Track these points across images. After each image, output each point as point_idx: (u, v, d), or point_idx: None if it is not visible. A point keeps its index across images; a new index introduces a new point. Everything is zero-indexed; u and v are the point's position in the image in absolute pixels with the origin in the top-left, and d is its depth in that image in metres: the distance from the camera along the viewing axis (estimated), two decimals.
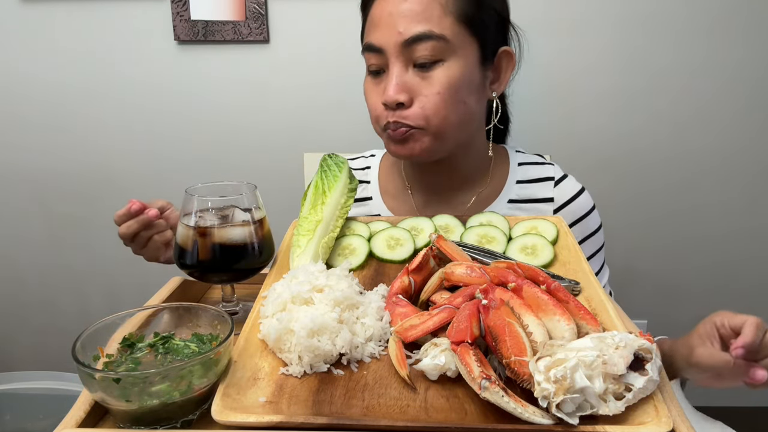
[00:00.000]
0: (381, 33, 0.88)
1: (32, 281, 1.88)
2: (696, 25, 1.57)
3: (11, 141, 1.74)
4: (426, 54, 0.87)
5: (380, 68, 0.91)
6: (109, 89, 1.68)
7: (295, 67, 1.66)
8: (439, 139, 0.92)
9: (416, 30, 0.86)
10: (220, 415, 0.50)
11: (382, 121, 0.92)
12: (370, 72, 0.94)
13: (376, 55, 0.90)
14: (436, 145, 0.92)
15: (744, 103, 1.63)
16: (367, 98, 0.96)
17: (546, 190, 1.03)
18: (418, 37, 0.86)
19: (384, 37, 0.88)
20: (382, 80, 0.91)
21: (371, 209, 1.08)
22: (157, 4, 1.60)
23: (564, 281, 0.70)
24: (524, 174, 1.04)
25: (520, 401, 0.48)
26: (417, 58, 0.87)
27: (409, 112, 0.89)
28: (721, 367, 0.75)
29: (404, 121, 0.89)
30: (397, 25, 0.86)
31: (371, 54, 0.91)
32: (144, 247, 0.93)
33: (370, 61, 0.92)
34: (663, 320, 1.80)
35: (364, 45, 0.93)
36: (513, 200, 1.02)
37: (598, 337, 0.51)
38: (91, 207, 1.79)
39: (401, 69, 0.88)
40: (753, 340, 0.72)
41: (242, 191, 0.76)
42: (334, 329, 0.58)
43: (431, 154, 0.93)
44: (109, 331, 0.58)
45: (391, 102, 0.88)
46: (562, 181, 1.04)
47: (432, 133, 0.90)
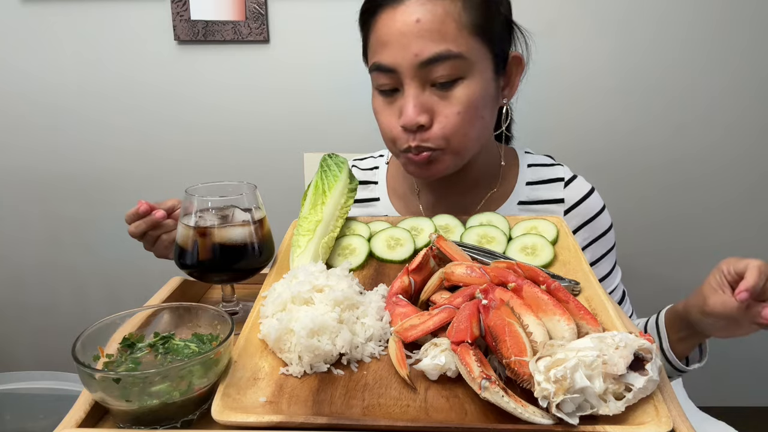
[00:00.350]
0: (392, 53, 0.83)
1: (32, 281, 1.88)
2: (699, 27, 1.57)
3: (10, 141, 1.74)
4: (445, 74, 0.82)
5: (393, 88, 0.87)
6: (109, 89, 1.68)
7: (295, 67, 1.66)
8: (458, 157, 0.90)
9: (434, 50, 0.81)
10: (220, 415, 0.50)
11: (401, 144, 0.88)
12: (382, 91, 0.89)
13: (387, 75, 0.85)
14: (456, 162, 0.90)
15: (747, 104, 1.63)
16: (379, 118, 0.91)
17: (556, 191, 1.02)
18: (435, 58, 0.81)
19: (397, 57, 0.83)
20: (396, 100, 0.87)
21: (379, 210, 1.07)
22: (157, 4, 1.60)
23: (564, 281, 0.70)
24: (534, 175, 1.04)
25: (520, 401, 0.48)
26: (436, 78, 0.83)
27: (430, 134, 0.85)
28: (734, 314, 0.77)
29: (426, 144, 0.86)
30: (411, 45, 0.81)
31: (382, 74, 0.86)
32: (153, 245, 0.93)
33: (381, 80, 0.87)
34: None
35: (374, 64, 0.87)
36: (523, 202, 1.02)
37: (598, 337, 0.51)
38: (91, 207, 1.79)
39: (418, 89, 0.84)
40: (756, 282, 0.74)
41: (242, 191, 0.76)
42: (334, 329, 0.58)
43: (450, 171, 0.92)
44: (109, 331, 0.58)
45: (412, 125, 0.84)
46: (573, 181, 1.03)
47: (452, 152, 0.88)
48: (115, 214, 1.78)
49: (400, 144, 0.89)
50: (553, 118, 1.64)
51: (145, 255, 1.83)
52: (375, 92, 0.91)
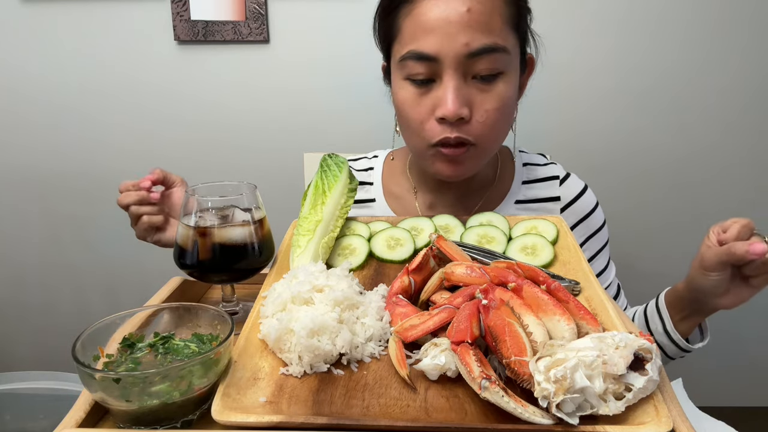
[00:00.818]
0: (437, 41, 0.80)
1: (32, 281, 1.88)
2: (699, 27, 1.57)
3: (11, 141, 1.74)
4: (488, 67, 0.81)
5: (428, 78, 0.84)
6: (110, 89, 1.68)
7: (295, 67, 1.66)
8: (485, 155, 0.89)
9: (483, 42, 0.80)
10: (220, 415, 0.50)
11: (434, 136, 0.85)
12: (414, 81, 0.85)
13: (426, 63, 0.82)
14: (482, 161, 0.89)
15: (748, 104, 1.63)
16: (408, 111, 0.87)
17: (552, 189, 1.03)
18: (484, 50, 0.80)
19: (444, 45, 0.80)
20: (429, 90, 0.84)
21: (374, 212, 1.06)
22: (157, 4, 1.60)
23: (564, 281, 0.70)
24: (529, 174, 1.04)
25: (520, 401, 0.48)
26: (479, 71, 0.82)
27: (469, 128, 0.84)
28: (725, 258, 0.81)
29: (466, 137, 0.84)
30: (460, 34, 0.79)
31: (420, 62, 0.83)
32: (135, 222, 0.92)
33: (416, 69, 0.84)
34: None
35: (411, 52, 0.83)
36: (520, 201, 1.02)
37: (598, 337, 0.51)
38: (91, 207, 1.79)
39: (460, 80, 0.82)
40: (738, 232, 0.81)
41: (242, 191, 0.76)
42: (334, 329, 0.58)
43: (473, 172, 0.90)
44: (109, 331, 0.58)
45: (454, 117, 0.82)
46: (567, 179, 1.04)
47: (482, 149, 0.87)
48: (116, 213, 1.77)
49: (433, 137, 0.85)
50: (553, 119, 1.64)
51: (146, 255, 1.83)
52: (403, 83, 0.87)
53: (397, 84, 0.89)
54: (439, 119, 0.84)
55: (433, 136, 0.85)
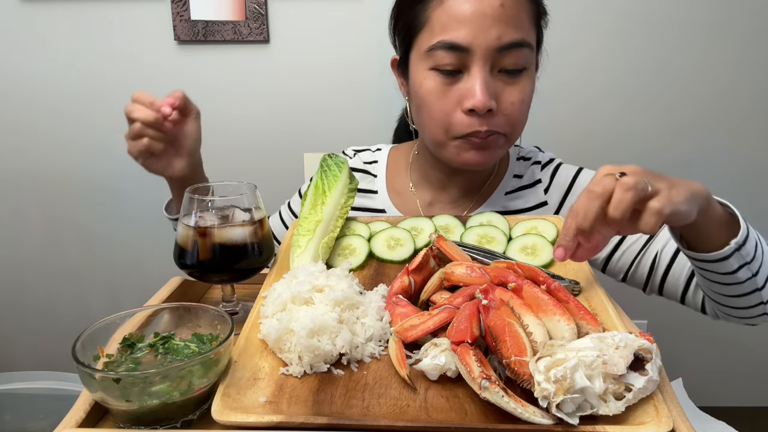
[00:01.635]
0: (470, 32, 0.82)
1: (32, 282, 1.88)
2: (700, 26, 1.57)
3: (10, 141, 1.74)
4: (516, 62, 0.84)
5: (456, 69, 0.85)
6: (110, 89, 1.68)
7: (295, 67, 1.66)
8: (508, 146, 0.91)
9: (514, 37, 0.82)
10: (220, 415, 0.50)
11: (464, 129, 0.86)
12: (441, 71, 0.86)
13: (456, 54, 0.83)
14: (504, 152, 0.91)
15: (749, 105, 1.63)
16: (433, 102, 0.87)
17: (535, 174, 1.04)
18: (514, 44, 0.83)
19: (477, 37, 0.82)
20: (456, 82, 0.85)
21: (375, 203, 1.07)
22: (157, 4, 1.60)
23: (564, 281, 0.70)
24: (521, 168, 1.05)
25: (520, 401, 0.48)
26: (506, 65, 0.84)
27: (497, 119, 0.85)
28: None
29: (495, 128, 0.85)
30: (492, 27, 0.81)
31: (450, 53, 0.84)
32: (132, 138, 0.88)
33: (445, 60, 0.84)
34: (663, 320, 1.80)
35: (441, 42, 0.84)
36: (509, 192, 1.03)
37: (598, 337, 0.51)
38: (91, 207, 1.79)
39: (488, 73, 0.84)
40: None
41: (242, 191, 0.76)
42: (334, 329, 0.58)
43: (496, 161, 0.91)
44: (109, 331, 0.58)
45: (483, 108, 0.83)
46: (549, 163, 1.04)
47: (509, 140, 0.89)
48: (116, 214, 1.78)
49: (461, 129, 0.86)
50: (553, 117, 1.64)
51: (146, 255, 1.83)
52: (429, 73, 0.87)
53: (420, 75, 0.89)
54: (468, 111, 0.85)
55: (462, 129, 0.86)
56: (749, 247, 0.72)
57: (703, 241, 0.72)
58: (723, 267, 0.73)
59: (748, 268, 0.73)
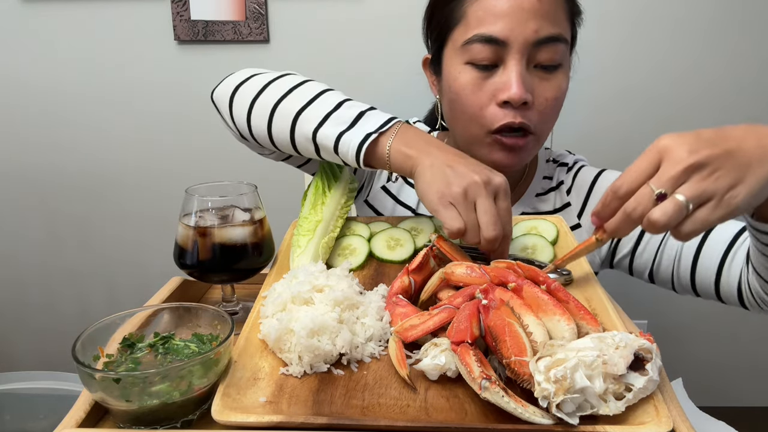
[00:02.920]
0: (508, 25, 0.82)
1: (32, 281, 1.88)
2: (700, 26, 1.57)
3: (11, 141, 1.74)
4: (552, 57, 0.84)
5: (492, 63, 0.85)
6: (109, 89, 1.68)
7: (295, 67, 1.65)
8: (538, 147, 0.90)
9: (551, 31, 0.83)
10: (220, 415, 0.50)
11: (497, 121, 0.85)
12: (476, 65, 0.86)
13: (492, 47, 0.84)
14: (533, 153, 0.90)
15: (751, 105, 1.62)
16: (468, 96, 0.87)
17: (560, 175, 1.04)
18: (551, 39, 0.83)
19: (514, 30, 0.82)
20: (491, 76, 0.85)
21: (399, 192, 1.05)
22: (157, 4, 1.60)
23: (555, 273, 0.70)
24: (550, 170, 1.06)
25: (520, 401, 0.48)
26: (542, 60, 0.84)
27: (531, 114, 0.85)
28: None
29: (529, 123, 0.85)
30: (530, 21, 0.82)
31: (486, 46, 0.84)
32: None
33: (481, 54, 0.84)
34: (663, 320, 1.80)
35: (478, 35, 0.84)
36: (539, 194, 1.03)
37: (598, 337, 0.51)
38: (91, 207, 1.79)
39: (524, 67, 0.84)
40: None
41: (242, 191, 0.76)
42: (334, 329, 0.58)
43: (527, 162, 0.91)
44: (109, 331, 0.58)
45: (519, 100, 0.82)
46: (574, 165, 1.05)
47: (537, 139, 0.88)
48: (116, 213, 1.78)
49: (494, 122, 0.85)
50: None
51: (146, 255, 1.83)
52: (464, 67, 0.87)
53: (455, 69, 0.89)
54: (502, 103, 0.84)
55: (495, 122, 0.86)
56: None
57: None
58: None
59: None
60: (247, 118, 0.84)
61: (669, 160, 0.54)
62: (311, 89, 0.81)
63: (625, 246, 0.96)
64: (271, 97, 0.81)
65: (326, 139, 0.76)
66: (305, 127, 0.78)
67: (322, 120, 0.77)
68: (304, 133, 0.78)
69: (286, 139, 0.81)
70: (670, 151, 0.54)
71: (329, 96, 0.80)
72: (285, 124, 0.80)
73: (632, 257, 0.96)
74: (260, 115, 0.82)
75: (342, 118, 0.77)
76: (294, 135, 0.79)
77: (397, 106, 1.21)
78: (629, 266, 0.97)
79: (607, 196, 0.58)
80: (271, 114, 0.81)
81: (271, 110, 0.81)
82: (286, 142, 0.81)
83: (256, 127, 0.83)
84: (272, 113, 0.81)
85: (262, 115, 0.82)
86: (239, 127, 0.87)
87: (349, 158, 0.75)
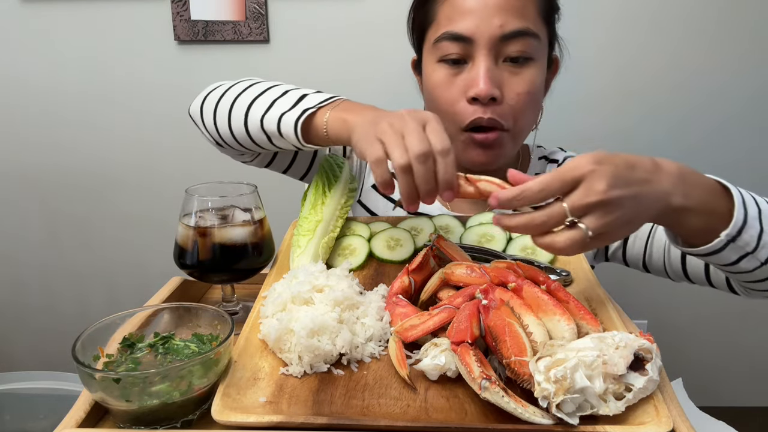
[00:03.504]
0: (473, 22, 0.84)
1: (32, 281, 1.88)
2: (699, 26, 1.57)
3: (11, 141, 1.74)
4: (520, 50, 0.84)
5: (461, 58, 0.86)
6: (109, 89, 1.68)
7: (295, 67, 1.66)
8: (514, 144, 0.90)
9: (516, 25, 0.83)
10: (220, 415, 0.50)
11: (467, 117, 0.86)
12: (447, 61, 0.87)
13: (460, 44, 0.85)
14: (511, 150, 0.90)
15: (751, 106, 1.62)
16: (439, 92, 0.89)
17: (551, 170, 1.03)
18: (517, 33, 0.83)
19: (480, 26, 0.83)
20: (461, 71, 0.87)
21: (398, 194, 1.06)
22: (157, 4, 1.60)
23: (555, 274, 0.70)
24: (542, 167, 1.05)
25: (520, 401, 0.48)
26: (510, 53, 0.85)
27: (501, 109, 0.85)
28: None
29: (498, 119, 0.85)
30: (495, 17, 0.83)
31: (454, 43, 0.85)
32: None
33: (450, 50, 0.86)
34: (663, 320, 1.80)
35: (446, 33, 0.86)
36: None
37: (598, 337, 0.51)
38: (91, 207, 1.79)
39: (492, 62, 0.85)
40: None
41: (242, 191, 0.76)
42: (334, 329, 0.58)
43: (503, 161, 0.90)
44: (109, 331, 0.58)
45: (486, 96, 0.83)
46: (564, 161, 1.04)
47: (512, 136, 0.88)
48: (116, 213, 1.78)
49: (465, 118, 0.86)
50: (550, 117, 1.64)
51: (146, 255, 1.83)
52: (436, 65, 0.89)
53: (429, 68, 0.91)
54: (471, 99, 0.85)
55: (465, 118, 0.86)
56: (748, 237, 0.64)
57: (690, 237, 0.66)
58: (719, 259, 0.67)
59: (752, 257, 0.66)
60: (213, 123, 0.88)
61: (588, 188, 0.55)
62: (264, 85, 0.85)
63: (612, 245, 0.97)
64: (229, 99, 0.85)
65: (271, 123, 0.78)
66: (255, 117, 0.81)
67: (268, 107, 0.80)
68: (254, 122, 0.81)
69: (243, 134, 0.84)
70: (592, 180, 0.55)
71: (278, 87, 0.83)
72: (240, 119, 0.83)
73: (624, 249, 0.96)
74: (222, 116, 0.86)
75: (286, 101, 0.79)
76: (248, 127, 0.82)
77: (397, 106, 1.21)
78: (623, 258, 0.98)
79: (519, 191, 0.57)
80: (229, 113, 0.85)
81: (229, 109, 0.85)
82: (244, 136, 0.84)
83: (222, 128, 0.87)
84: (230, 112, 0.84)
85: (223, 116, 0.86)
86: (211, 133, 0.90)
87: (291, 138, 0.77)
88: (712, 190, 0.64)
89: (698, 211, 0.62)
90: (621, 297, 1.08)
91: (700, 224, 0.63)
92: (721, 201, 0.64)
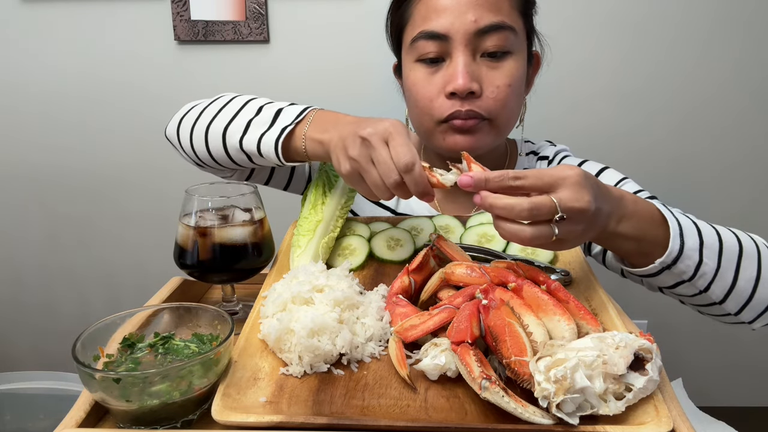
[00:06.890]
0: (448, 19, 0.85)
1: (32, 281, 1.88)
2: (698, 25, 1.57)
3: (11, 141, 1.74)
4: (497, 44, 0.85)
5: (439, 56, 0.87)
6: (109, 89, 1.68)
7: (295, 67, 1.65)
8: (499, 134, 0.91)
9: (491, 20, 0.84)
10: (220, 415, 0.50)
11: (444, 111, 0.87)
12: (424, 60, 0.88)
13: (437, 42, 0.86)
14: (495, 140, 0.91)
15: (751, 105, 1.62)
16: (416, 90, 0.90)
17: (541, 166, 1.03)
18: (492, 27, 0.84)
19: (455, 23, 0.84)
20: (439, 69, 0.87)
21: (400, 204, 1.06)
22: (157, 4, 1.60)
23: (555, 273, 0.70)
24: (530, 163, 1.05)
25: (520, 401, 0.48)
26: (487, 48, 0.85)
27: (481, 102, 0.86)
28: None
29: (478, 110, 0.86)
30: (469, 12, 0.84)
31: (430, 42, 0.86)
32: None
33: (427, 49, 0.87)
34: (663, 320, 1.80)
35: (422, 32, 0.87)
36: None
37: (598, 337, 0.51)
38: (91, 207, 1.79)
39: (469, 57, 0.85)
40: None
41: (242, 191, 0.76)
42: (334, 329, 0.58)
43: (486, 149, 0.91)
44: (109, 331, 0.58)
45: (464, 90, 0.84)
46: (556, 156, 1.04)
47: (496, 127, 0.89)
48: (116, 213, 1.78)
49: (443, 112, 0.87)
50: (547, 116, 1.64)
51: (145, 255, 1.83)
52: (414, 65, 0.90)
53: (408, 68, 0.92)
54: (450, 94, 0.86)
55: (443, 112, 0.87)
56: (683, 266, 0.68)
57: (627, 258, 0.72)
58: (658, 282, 0.72)
59: (690, 285, 0.70)
60: (191, 146, 0.90)
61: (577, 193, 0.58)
62: (237, 104, 0.87)
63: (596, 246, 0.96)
64: (203, 123, 0.87)
65: (251, 145, 0.81)
66: (233, 140, 0.83)
67: (245, 128, 0.82)
68: (234, 145, 0.83)
69: (223, 156, 0.86)
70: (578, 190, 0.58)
71: (251, 104, 0.85)
72: (218, 143, 0.85)
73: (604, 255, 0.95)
74: (198, 141, 0.88)
75: (262, 120, 0.81)
76: (227, 150, 0.85)
77: (397, 107, 1.21)
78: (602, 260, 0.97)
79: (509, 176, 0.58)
80: (205, 137, 0.87)
81: (205, 134, 0.87)
82: (225, 158, 0.86)
83: (199, 151, 0.89)
84: (206, 136, 0.87)
85: (199, 140, 0.88)
86: (189, 156, 0.92)
87: (271, 157, 0.79)
88: (650, 219, 0.67)
89: (631, 237, 0.66)
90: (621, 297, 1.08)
91: (632, 249, 0.68)
92: (659, 230, 0.68)
